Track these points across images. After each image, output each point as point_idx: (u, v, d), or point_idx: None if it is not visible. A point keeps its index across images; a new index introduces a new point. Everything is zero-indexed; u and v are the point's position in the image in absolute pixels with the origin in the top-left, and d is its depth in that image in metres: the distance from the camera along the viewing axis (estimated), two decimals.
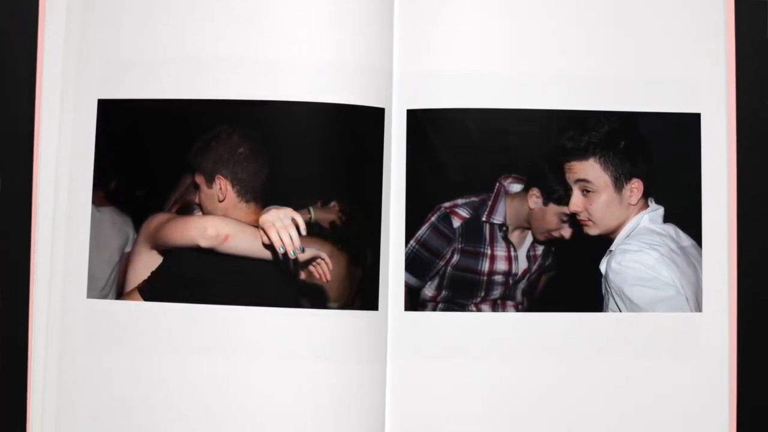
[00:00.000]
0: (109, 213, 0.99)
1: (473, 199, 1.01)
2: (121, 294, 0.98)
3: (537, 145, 0.99)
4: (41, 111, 0.98)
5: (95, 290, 0.97)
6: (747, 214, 0.98)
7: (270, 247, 0.97)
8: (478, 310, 1.01)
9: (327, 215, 0.98)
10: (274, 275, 0.97)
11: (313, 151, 0.95)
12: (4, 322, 0.96)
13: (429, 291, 1.02)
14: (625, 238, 1.02)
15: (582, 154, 1.00)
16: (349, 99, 0.95)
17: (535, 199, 1.04)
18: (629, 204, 1.02)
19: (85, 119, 0.98)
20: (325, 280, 0.97)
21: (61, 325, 0.96)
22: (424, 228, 1.00)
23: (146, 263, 0.99)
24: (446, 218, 1.02)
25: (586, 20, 0.99)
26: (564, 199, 1.03)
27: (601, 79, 0.98)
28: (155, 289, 0.98)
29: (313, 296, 0.97)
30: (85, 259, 0.97)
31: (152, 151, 0.99)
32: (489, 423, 0.95)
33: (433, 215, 1.01)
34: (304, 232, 0.96)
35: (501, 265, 1.05)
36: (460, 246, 1.04)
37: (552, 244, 1.06)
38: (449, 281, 1.03)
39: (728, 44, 0.99)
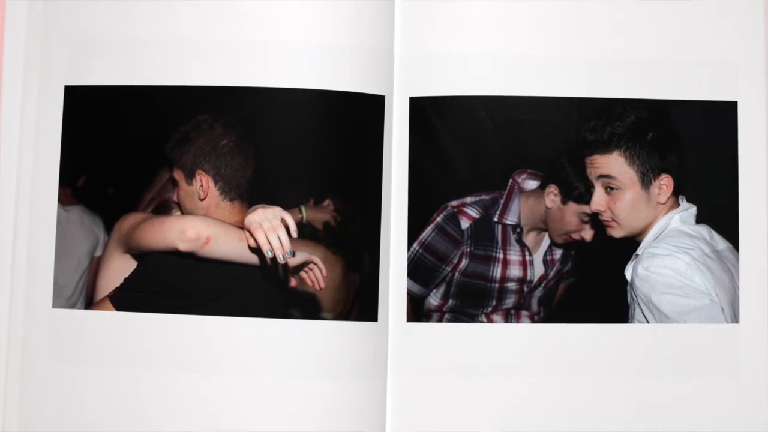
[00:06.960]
0: (77, 212, 0.98)
1: (484, 197, 1.01)
2: (90, 303, 0.97)
3: (555, 136, 0.98)
4: (1, 99, 0.96)
5: (61, 299, 0.96)
6: None
7: (257, 250, 0.95)
8: (489, 321, 1.01)
9: (320, 215, 0.96)
10: (261, 282, 0.96)
11: (304, 143, 0.94)
12: None
13: (434, 300, 1.01)
14: (653, 240, 0.99)
15: (605, 147, 0.99)
16: (345, 86, 0.94)
17: (552, 197, 1.03)
18: (658, 203, 1.00)
19: (50, 108, 0.97)
20: (318, 288, 0.95)
21: (23, 337, 0.95)
22: (428, 229, 1.00)
23: (118, 269, 0.98)
24: (454, 218, 1.01)
25: None
26: (585, 197, 1.01)
27: (628, 63, 0.96)
28: (128, 298, 0.96)
29: (304, 306, 0.96)
30: (51, 264, 0.96)
31: (125, 143, 0.98)
32: None
33: (438, 215, 1.00)
34: (294, 234, 0.94)
35: (515, 271, 1.04)
36: (469, 249, 1.03)
37: (571, 247, 1.05)
38: (457, 289, 1.02)
39: None
